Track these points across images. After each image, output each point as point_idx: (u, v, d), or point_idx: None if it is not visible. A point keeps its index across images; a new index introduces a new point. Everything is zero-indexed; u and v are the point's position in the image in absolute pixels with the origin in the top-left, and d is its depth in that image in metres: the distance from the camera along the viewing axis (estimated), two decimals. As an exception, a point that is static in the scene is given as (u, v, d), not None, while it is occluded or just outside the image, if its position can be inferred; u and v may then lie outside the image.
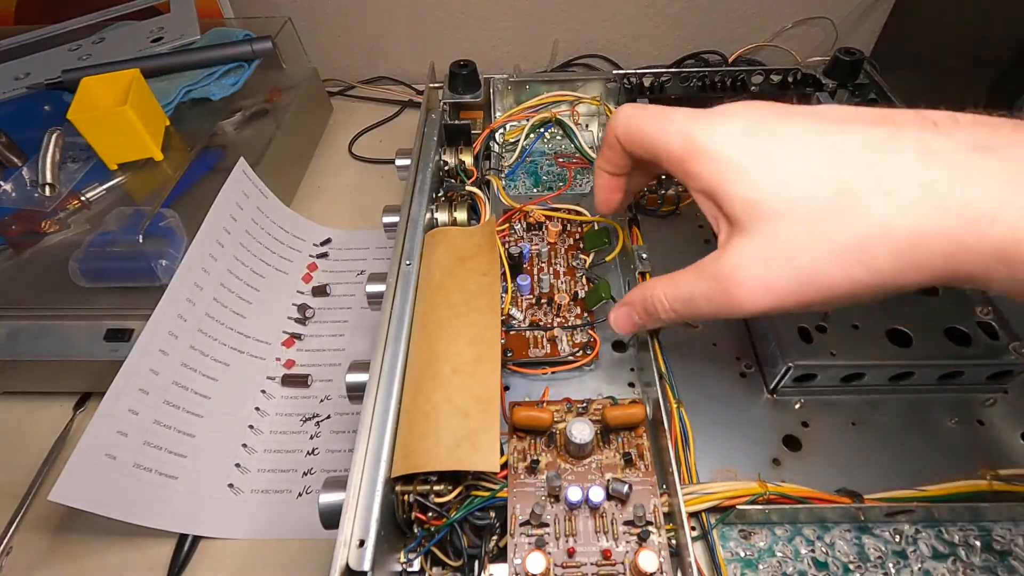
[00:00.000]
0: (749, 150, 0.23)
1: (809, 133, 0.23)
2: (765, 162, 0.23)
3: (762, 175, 0.23)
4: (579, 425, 0.27)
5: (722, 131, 0.24)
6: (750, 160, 0.23)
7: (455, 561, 0.26)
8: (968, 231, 0.19)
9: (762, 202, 0.22)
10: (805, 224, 0.22)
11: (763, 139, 0.23)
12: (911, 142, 0.20)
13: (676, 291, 0.26)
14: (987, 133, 0.20)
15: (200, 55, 0.56)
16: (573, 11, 0.69)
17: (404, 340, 0.31)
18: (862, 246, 0.21)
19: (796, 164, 0.22)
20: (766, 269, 0.23)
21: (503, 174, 0.46)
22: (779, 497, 0.28)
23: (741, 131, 0.24)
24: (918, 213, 0.20)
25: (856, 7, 0.68)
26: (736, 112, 0.25)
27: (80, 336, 0.41)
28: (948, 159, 0.20)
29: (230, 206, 0.48)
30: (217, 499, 0.39)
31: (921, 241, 0.20)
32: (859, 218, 0.21)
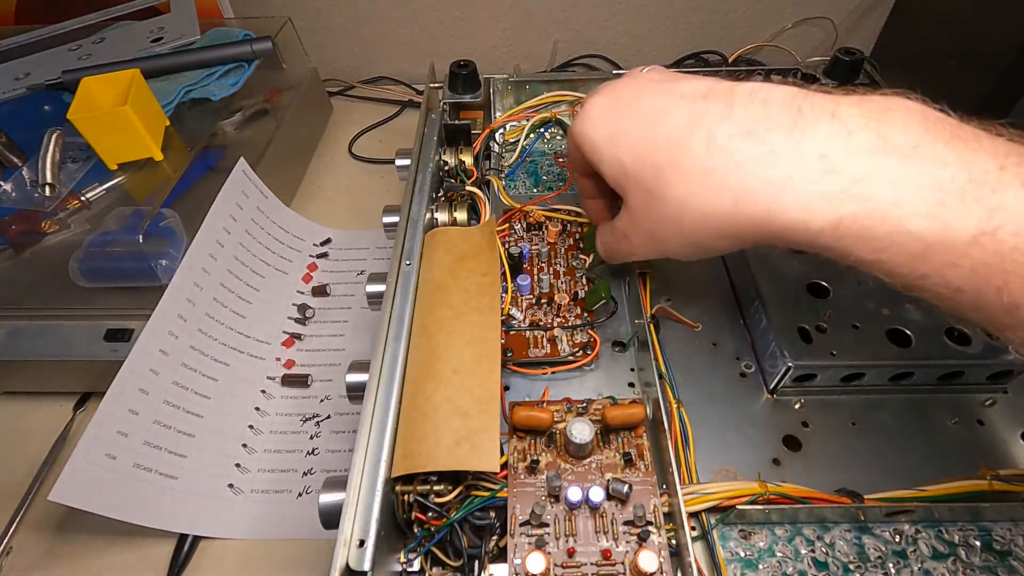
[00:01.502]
0: (603, 129, 0.27)
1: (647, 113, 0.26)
2: (615, 142, 0.27)
3: (613, 155, 0.27)
4: (579, 425, 0.27)
5: (588, 114, 0.28)
6: (604, 140, 0.27)
7: (455, 561, 0.26)
8: (739, 210, 0.23)
9: (617, 180, 0.27)
10: (642, 198, 0.26)
11: (615, 117, 0.27)
12: (704, 129, 0.24)
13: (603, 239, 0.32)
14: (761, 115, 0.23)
15: (200, 55, 0.56)
16: (573, 11, 0.69)
17: (404, 340, 0.31)
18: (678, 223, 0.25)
19: (631, 145, 0.26)
20: (635, 231, 0.28)
21: (503, 174, 0.46)
22: (779, 497, 0.28)
23: (602, 110, 0.28)
24: (703, 195, 0.24)
25: (856, 7, 0.68)
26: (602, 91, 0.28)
27: (80, 336, 0.41)
28: (725, 145, 0.23)
29: (230, 206, 0.48)
30: (217, 499, 0.39)
31: (709, 219, 0.24)
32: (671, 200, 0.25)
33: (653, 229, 0.27)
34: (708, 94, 0.25)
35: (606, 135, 0.27)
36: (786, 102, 0.23)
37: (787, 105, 0.23)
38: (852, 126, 0.21)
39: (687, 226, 0.25)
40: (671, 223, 0.26)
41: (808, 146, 0.22)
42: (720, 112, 0.24)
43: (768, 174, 0.22)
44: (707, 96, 0.25)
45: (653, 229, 0.27)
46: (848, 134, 0.21)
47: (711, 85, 0.26)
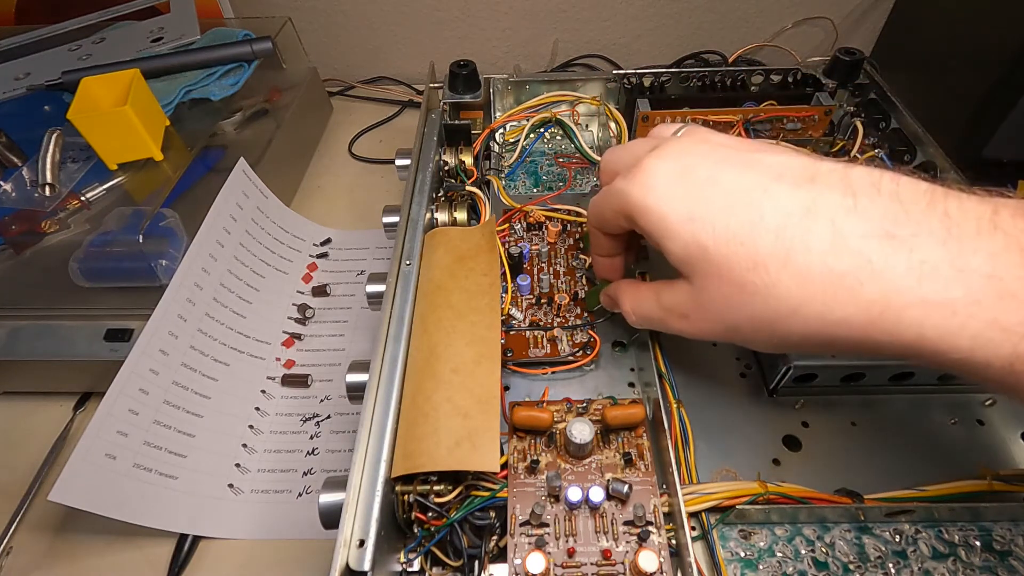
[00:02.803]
0: (677, 204, 0.23)
1: (736, 190, 0.23)
2: (692, 222, 0.23)
3: (689, 236, 0.23)
4: (579, 425, 0.27)
5: (653, 183, 0.24)
6: (679, 217, 0.23)
7: (455, 561, 0.26)
8: (877, 326, 0.20)
9: (691, 262, 0.23)
10: (726, 289, 0.23)
11: (691, 190, 0.23)
12: (826, 222, 0.21)
13: (638, 307, 0.29)
14: (899, 214, 0.20)
15: (200, 55, 0.56)
16: (573, 11, 0.69)
17: (404, 340, 0.31)
18: (775, 322, 0.22)
19: (719, 227, 0.22)
20: (700, 315, 0.25)
21: (503, 174, 0.46)
22: (779, 497, 0.28)
23: (672, 179, 0.24)
24: (827, 304, 0.20)
25: (856, 7, 0.68)
26: (667, 155, 0.25)
27: (80, 336, 0.41)
28: (858, 247, 0.20)
29: (230, 206, 0.48)
30: (217, 499, 0.39)
31: (830, 330, 0.21)
32: (772, 298, 0.21)
33: (734, 323, 0.23)
34: (815, 176, 0.22)
35: (682, 213, 0.23)
36: (925, 200, 0.20)
37: (929, 205, 0.20)
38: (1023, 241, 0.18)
39: (792, 329, 0.22)
40: (766, 321, 0.22)
41: (971, 262, 0.18)
42: (841, 203, 0.21)
43: (924, 291, 0.19)
44: (815, 179, 0.22)
45: (734, 323, 0.23)
46: (1021, 253, 0.18)
47: (812, 164, 0.22)
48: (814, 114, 0.45)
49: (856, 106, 0.48)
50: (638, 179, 0.25)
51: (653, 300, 0.27)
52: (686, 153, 0.25)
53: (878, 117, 0.47)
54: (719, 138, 0.26)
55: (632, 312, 0.29)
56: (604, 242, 0.31)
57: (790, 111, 0.45)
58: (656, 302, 0.27)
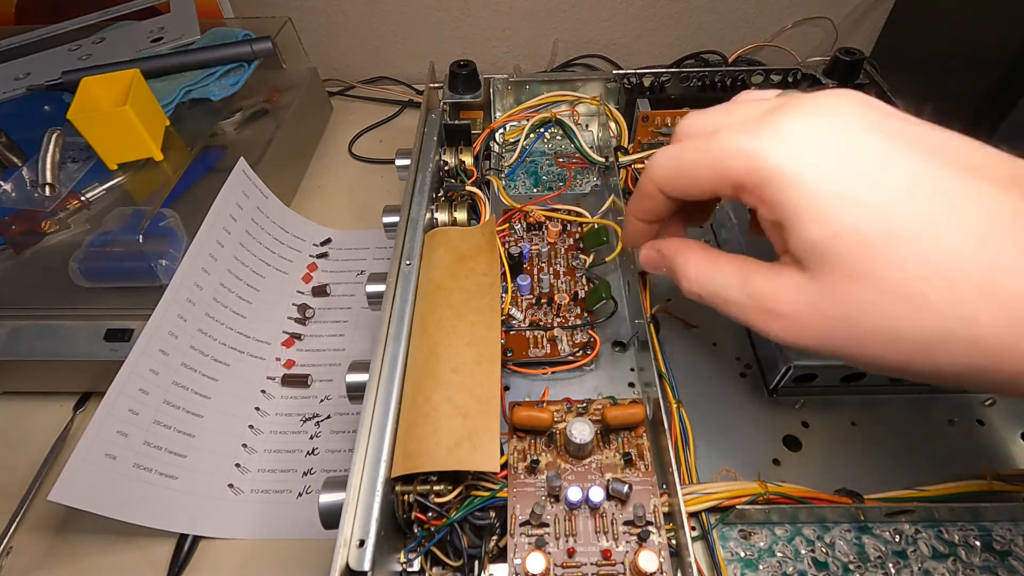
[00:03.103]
0: (830, 177, 0.18)
1: (917, 174, 0.18)
2: (849, 203, 0.18)
3: (844, 220, 0.18)
4: (579, 425, 0.27)
5: (797, 146, 0.19)
6: (831, 194, 0.18)
7: (455, 561, 0.26)
8: None
9: (832, 254, 0.18)
10: (879, 299, 0.18)
11: (851, 164, 0.18)
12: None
13: (709, 281, 0.23)
14: None
15: (200, 55, 0.56)
16: (573, 11, 0.69)
17: (404, 340, 0.31)
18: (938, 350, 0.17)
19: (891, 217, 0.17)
20: (819, 319, 0.19)
21: (503, 174, 0.46)
22: (779, 497, 0.28)
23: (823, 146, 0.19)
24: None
25: (856, 7, 0.68)
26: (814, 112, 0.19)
27: (80, 336, 0.41)
28: None
29: (230, 206, 0.48)
30: (217, 499, 0.39)
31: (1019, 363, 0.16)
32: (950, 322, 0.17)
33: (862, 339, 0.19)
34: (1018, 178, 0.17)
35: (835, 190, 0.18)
36: None
37: None
38: None
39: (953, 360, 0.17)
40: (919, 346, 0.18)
41: None
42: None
43: None
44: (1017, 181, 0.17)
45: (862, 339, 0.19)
46: None
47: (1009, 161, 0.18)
48: (814, 114, 0.45)
49: (856, 106, 0.48)
50: (775, 137, 0.19)
51: (736, 279, 0.22)
52: (840, 113, 0.19)
53: (878, 117, 0.47)
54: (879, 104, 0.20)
55: (696, 283, 0.23)
56: (659, 206, 0.25)
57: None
58: (740, 283, 0.21)
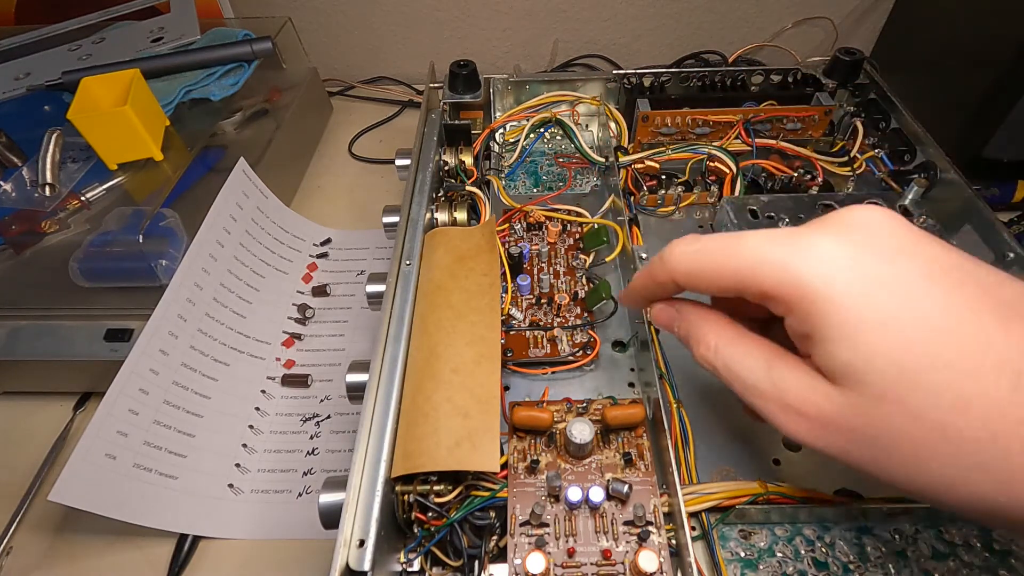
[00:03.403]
0: (867, 299, 0.18)
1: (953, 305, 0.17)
2: (886, 331, 0.18)
3: (878, 345, 0.18)
4: (579, 425, 0.27)
5: (831, 259, 0.19)
6: (867, 320, 0.18)
7: (455, 561, 0.26)
8: None
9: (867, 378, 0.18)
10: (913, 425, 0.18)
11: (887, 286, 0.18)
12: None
13: (731, 357, 0.22)
14: None
15: (200, 55, 0.56)
16: (573, 11, 0.69)
17: (404, 340, 0.31)
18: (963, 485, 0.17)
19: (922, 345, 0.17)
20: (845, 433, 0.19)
21: (503, 174, 0.46)
22: (779, 497, 0.28)
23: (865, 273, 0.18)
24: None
25: (856, 7, 0.68)
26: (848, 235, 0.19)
27: (80, 336, 0.41)
28: None
29: (230, 206, 0.48)
30: (217, 499, 0.39)
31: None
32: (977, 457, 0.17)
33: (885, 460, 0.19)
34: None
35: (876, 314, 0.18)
36: None
37: None
38: None
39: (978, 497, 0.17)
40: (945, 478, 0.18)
41: None
42: None
43: None
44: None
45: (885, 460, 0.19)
46: None
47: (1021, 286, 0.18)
48: (814, 114, 0.46)
49: (856, 106, 0.48)
50: (810, 251, 0.19)
51: (763, 364, 0.21)
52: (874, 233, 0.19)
53: (878, 117, 0.47)
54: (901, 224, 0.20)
55: (716, 353, 0.22)
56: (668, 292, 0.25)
57: (790, 111, 0.45)
58: (766, 370, 0.21)
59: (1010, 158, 0.48)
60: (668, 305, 0.25)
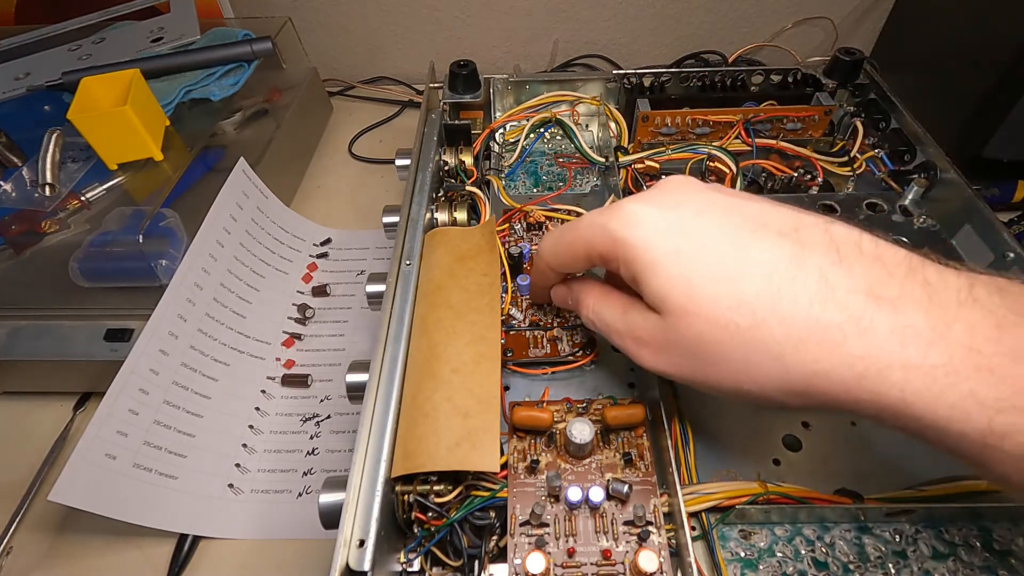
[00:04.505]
0: (664, 242, 0.23)
1: (723, 233, 0.23)
2: (678, 258, 0.23)
3: (675, 269, 0.23)
4: (579, 425, 0.27)
5: (637, 218, 0.24)
6: (665, 251, 0.23)
7: (455, 561, 0.26)
8: (861, 383, 0.19)
9: (671, 297, 0.23)
10: (708, 329, 0.22)
11: (676, 227, 0.23)
12: (814, 271, 0.21)
13: (599, 311, 0.28)
14: (882, 275, 0.20)
15: (200, 55, 0.56)
16: (573, 11, 0.69)
17: (404, 340, 0.31)
18: (752, 365, 0.21)
19: (703, 266, 0.22)
20: (666, 350, 0.24)
21: (503, 174, 0.46)
22: (779, 497, 0.28)
23: (661, 221, 0.24)
24: (811, 353, 0.20)
25: (856, 7, 0.68)
26: (648, 196, 0.25)
27: (80, 336, 0.41)
28: (845, 302, 0.20)
29: (230, 206, 0.48)
30: (217, 499, 0.39)
31: (816, 380, 0.20)
32: (755, 341, 0.21)
33: (705, 364, 0.23)
34: (799, 227, 0.22)
35: (668, 247, 0.23)
36: (906, 266, 0.20)
37: (909, 271, 0.20)
38: (1002, 320, 0.18)
39: (772, 378, 0.21)
40: (743, 367, 0.22)
41: (953, 331, 0.18)
42: (826, 256, 0.21)
43: (907, 355, 0.19)
44: (799, 229, 0.22)
45: (705, 364, 0.23)
46: (999, 329, 0.18)
47: (794, 215, 0.23)
48: (814, 114, 0.46)
49: (856, 106, 0.48)
50: (621, 214, 0.24)
51: (619, 311, 0.26)
52: (667, 194, 0.25)
53: (878, 117, 0.47)
54: (697, 184, 0.25)
55: (592, 312, 0.28)
56: (551, 279, 0.31)
57: (790, 111, 0.45)
58: (621, 314, 0.26)
59: (1010, 158, 0.48)
60: (560, 286, 0.31)
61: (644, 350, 0.25)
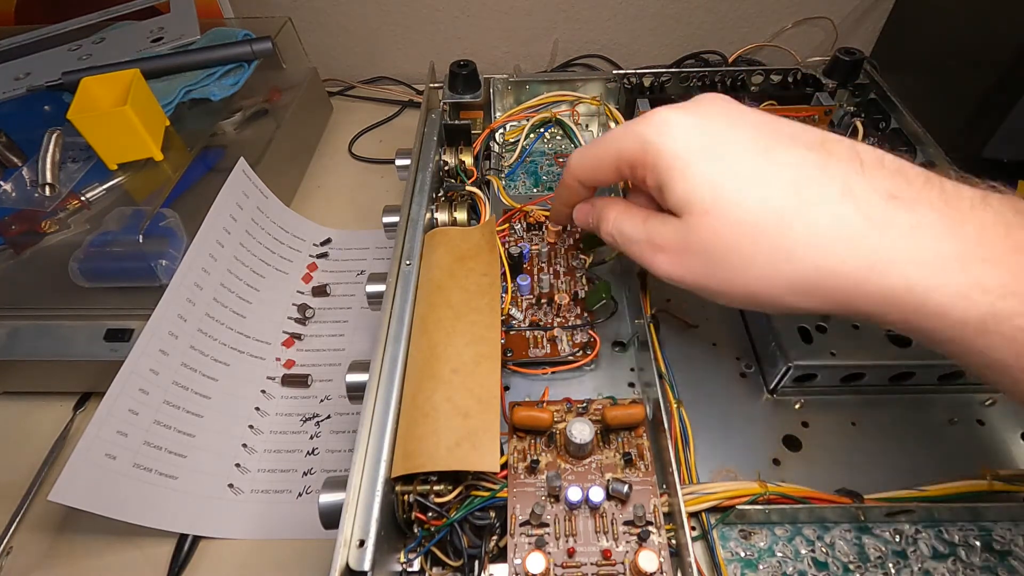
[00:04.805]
0: (694, 147, 0.24)
1: (753, 142, 0.24)
2: (709, 162, 0.24)
3: (701, 173, 0.24)
4: (579, 425, 0.27)
5: (677, 128, 0.25)
6: (696, 154, 0.24)
7: (455, 561, 0.26)
8: (870, 276, 0.21)
9: (695, 198, 0.24)
10: (728, 230, 0.23)
11: (713, 139, 0.24)
12: (838, 178, 0.22)
13: (620, 224, 0.28)
14: (902, 183, 0.21)
15: (200, 55, 0.56)
16: (573, 11, 0.69)
17: (404, 340, 0.31)
18: (767, 266, 0.22)
19: (733, 170, 0.23)
20: (682, 254, 0.25)
21: (503, 174, 0.46)
22: (779, 497, 0.28)
23: (694, 128, 0.25)
24: (828, 251, 0.21)
25: (856, 7, 0.68)
26: (682, 107, 0.26)
27: (80, 336, 0.41)
28: (865, 203, 0.21)
29: (230, 206, 0.48)
30: (217, 499, 0.39)
31: (827, 276, 0.21)
32: (772, 240, 0.22)
33: (719, 267, 0.24)
34: (826, 143, 0.23)
35: (700, 151, 0.24)
36: (924, 178, 0.21)
37: (927, 181, 0.21)
38: (1011, 221, 0.20)
39: (782, 278, 0.22)
40: (758, 269, 0.23)
41: (964, 229, 0.20)
42: (850, 167, 0.22)
43: (916, 246, 0.20)
44: (825, 145, 0.23)
45: (719, 267, 0.24)
46: (1007, 227, 0.20)
47: (823, 133, 0.24)
48: (814, 114, 0.46)
49: (856, 106, 0.48)
50: (654, 119, 0.25)
51: (640, 221, 0.27)
52: (701, 106, 0.25)
53: (878, 117, 0.47)
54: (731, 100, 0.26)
55: (613, 226, 0.28)
56: (577, 194, 0.31)
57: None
58: (643, 224, 0.27)
59: (1010, 158, 0.48)
60: (583, 204, 0.32)
61: (660, 255, 0.26)
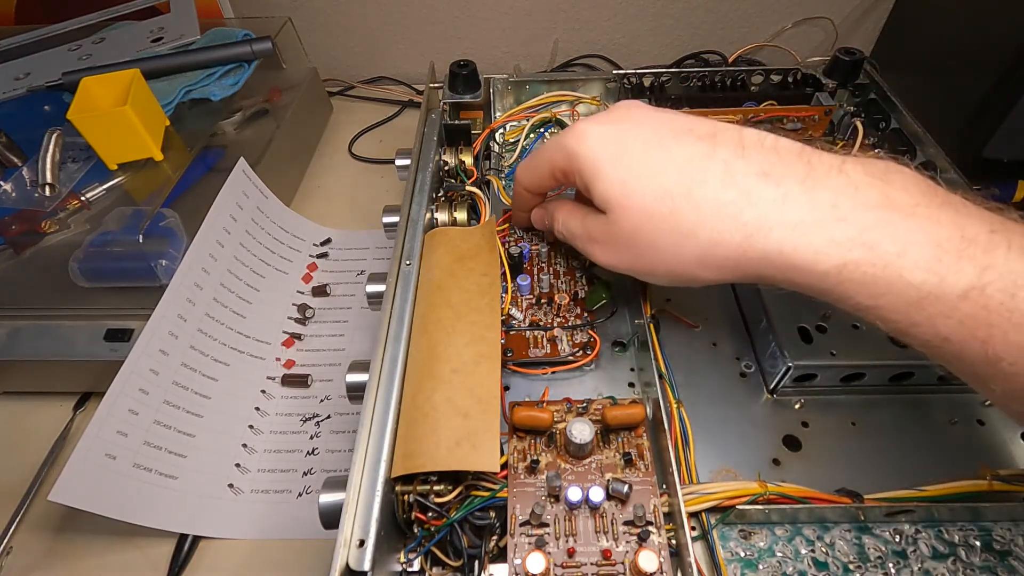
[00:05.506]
0: (608, 150, 0.28)
1: (654, 139, 0.27)
2: (617, 163, 0.27)
3: (614, 174, 0.27)
4: (579, 425, 0.27)
5: (591, 137, 0.29)
6: (607, 160, 0.28)
7: (455, 561, 0.26)
8: (752, 244, 0.24)
9: (612, 197, 0.27)
10: (639, 219, 0.27)
11: (619, 143, 0.28)
12: (720, 162, 0.25)
13: (567, 223, 0.32)
14: (775, 160, 0.25)
15: (200, 55, 0.56)
16: (573, 11, 0.69)
17: (404, 340, 0.31)
18: (673, 245, 0.26)
19: (635, 167, 0.27)
20: (612, 244, 0.29)
21: (503, 174, 0.46)
22: (779, 497, 0.28)
23: (605, 135, 0.28)
24: (715, 226, 0.25)
25: (856, 7, 0.68)
26: (596, 118, 0.29)
27: (80, 336, 0.41)
28: (741, 182, 0.25)
29: (230, 206, 0.48)
30: (217, 499, 0.39)
31: (720, 249, 0.25)
32: (674, 223, 0.26)
33: (640, 251, 0.27)
34: (716, 132, 0.26)
35: (610, 155, 0.28)
36: (795, 153, 0.25)
37: (797, 156, 0.25)
38: (859, 182, 0.23)
39: (687, 254, 0.26)
40: (668, 249, 0.26)
41: (820, 195, 0.23)
42: (733, 151, 0.25)
43: (783, 215, 0.24)
44: (715, 134, 0.26)
45: (640, 251, 0.27)
46: (856, 189, 0.23)
47: (713, 124, 0.27)
48: (814, 114, 0.46)
49: (856, 106, 0.48)
50: (574, 134, 0.29)
51: (580, 219, 0.31)
52: (613, 114, 0.29)
53: (878, 117, 0.47)
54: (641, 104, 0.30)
55: (561, 225, 0.33)
56: (529, 201, 0.36)
57: (790, 111, 0.45)
58: (582, 221, 0.31)
59: (1010, 158, 0.48)
60: (538, 208, 0.36)
61: (596, 247, 0.30)
